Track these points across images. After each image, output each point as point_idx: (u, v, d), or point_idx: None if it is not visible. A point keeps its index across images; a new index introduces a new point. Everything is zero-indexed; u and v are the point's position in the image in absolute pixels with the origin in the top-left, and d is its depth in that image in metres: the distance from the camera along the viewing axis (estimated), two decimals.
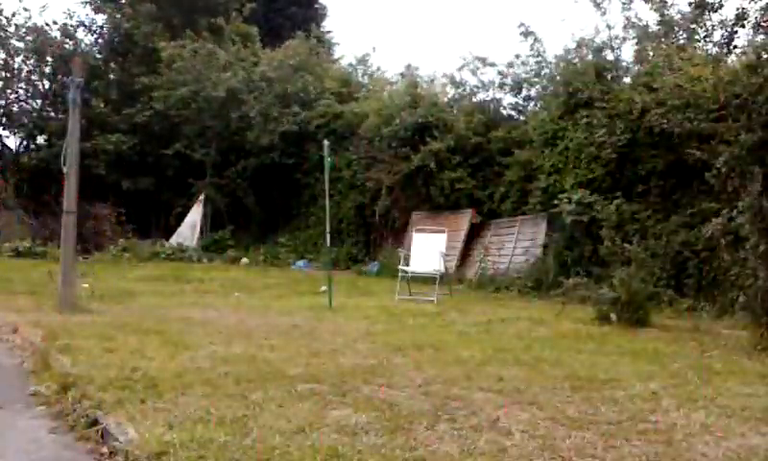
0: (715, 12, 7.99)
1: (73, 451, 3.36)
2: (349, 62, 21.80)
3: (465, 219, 13.66)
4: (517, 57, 14.11)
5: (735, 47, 7.09)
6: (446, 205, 13.99)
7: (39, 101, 20.96)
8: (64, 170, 7.73)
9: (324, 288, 9.79)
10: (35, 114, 20.86)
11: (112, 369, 4.50)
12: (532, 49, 13.23)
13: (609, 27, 12.15)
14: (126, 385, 4.08)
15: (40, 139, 21.10)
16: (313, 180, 17.44)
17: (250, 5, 20.61)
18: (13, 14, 19.56)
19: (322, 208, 15.46)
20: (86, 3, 20.76)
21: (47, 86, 20.84)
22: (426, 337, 6.28)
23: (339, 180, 16.46)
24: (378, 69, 20.30)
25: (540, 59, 13.25)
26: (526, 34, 13.05)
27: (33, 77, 20.60)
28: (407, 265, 10.32)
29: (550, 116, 12.10)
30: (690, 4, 9.41)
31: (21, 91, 20.91)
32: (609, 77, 11.70)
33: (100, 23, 20.87)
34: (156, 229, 19.46)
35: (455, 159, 13.68)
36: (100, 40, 21.17)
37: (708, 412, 3.81)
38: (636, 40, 12.13)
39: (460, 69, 15.09)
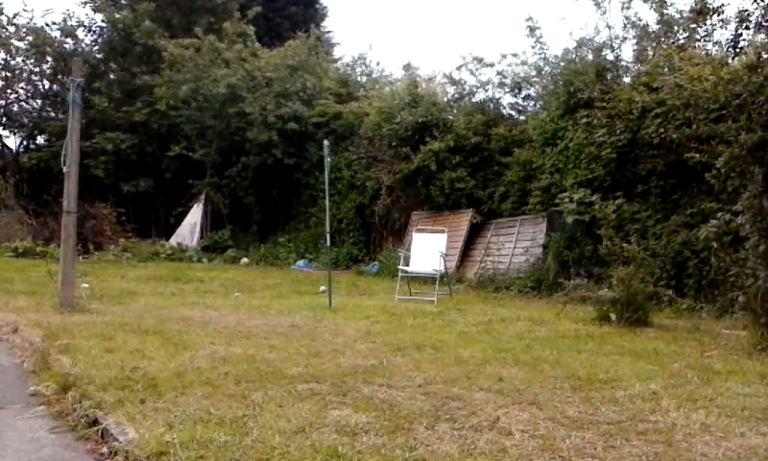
0: (719, 16, 7.97)
1: (73, 451, 3.36)
2: (347, 62, 21.86)
3: (465, 219, 13.67)
4: (515, 55, 14.14)
5: (741, 49, 7.07)
6: (446, 205, 14.00)
7: (39, 101, 21.00)
8: (64, 170, 7.73)
9: (323, 288, 9.80)
10: (35, 114, 20.88)
11: (112, 369, 4.50)
12: (534, 47, 13.23)
13: (609, 26, 12.15)
14: (126, 385, 4.08)
15: (40, 139, 21.14)
16: (313, 180, 17.47)
17: (256, 9, 20.63)
18: (15, 15, 19.60)
19: (322, 208, 15.50)
20: (86, 3, 20.79)
21: (47, 86, 20.87)
22: (426, 337, 6.28)
23: (339, 180, 16.48)
24: (378, 64, 20.34)
25: (542, 55, 13.22)
26: (533, 29, 13.02)
27: (33, 77, 20.63)
28: (407, 265, 10.32)
29: (550, 116, 12.09)
30: (692, 10, 9.39)
31: (21, 91, 20.95)
32: (609, 77, 11.70)
33: (99, 23, 20.91)
34: (156, 229, 19.49)
35: (455, 159, 13.68)
36: (99, 40, 21.19)
37: (708, 412, 3.81)
38: (635, 40, 12.12)
39: (458, 68, 15.12)
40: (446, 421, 3.55)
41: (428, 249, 10.36)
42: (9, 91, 20.59)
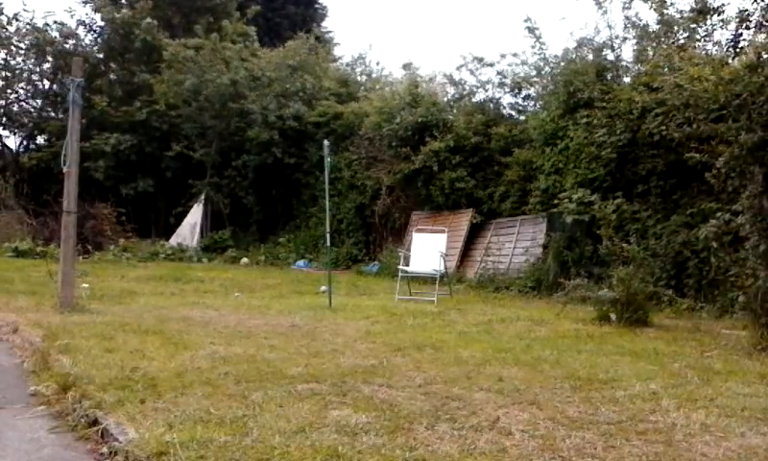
0: (719, 16, 7.97)
1: (73, 451, 3.36)
2: (347, 62, 21.88)
3: (465, 219, 13.67)
4: (515, 55, 14.14)
5: (741, 49, 7.08)
6: (446, 205, 14.00)
7: (39, 101, 20.99)
8: (64, 170, 7.73)
9: (323, 288, 9.80)
10: (35, 114, 20.88)
11: (112, 369, 4.50)
12: (534, 46, 13.23)
13: (609, 26, 12.15)
14: (126, 385, 4.08)
15: (40, 139, 21.14)
16: (313, 179, 17.48)
17: (255, 8, 20.63)
18: (15, 15, 19.58)
19: (322, 208, 15.51)
20: (86, 2, 20.78)
21: (47, 86, 20.87)
22: (426, 337, 6.28)
23: (339, 180, 16.48)
24: (378, 64, 20.34)
25: (542, 55, 13.22)
26: (531, 29, 13.02)
27: (33, 77, 20.62)
28: (407, 265, 10.32)
29: (550, 116, 12.09)
30: (692, 10, 9.41)
31: (21, 91, 20.94)
32: (609, 77, 11.70)
33: (99, 22, 20.88)
34: (156, 229, 19.48)
35: (455, 159, 13.68)
36: (100, 39, 21.18)
37: (708, 412, 3.81)
38: (636, 40, 12.12)
39: (458, 68, 15.13)
40: (446, 421, 3.55)
41: (428, 249, 10.36)
42: (9, 91, 20.59)
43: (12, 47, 19.73)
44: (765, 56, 6.69)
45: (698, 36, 10.83)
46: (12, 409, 3.98)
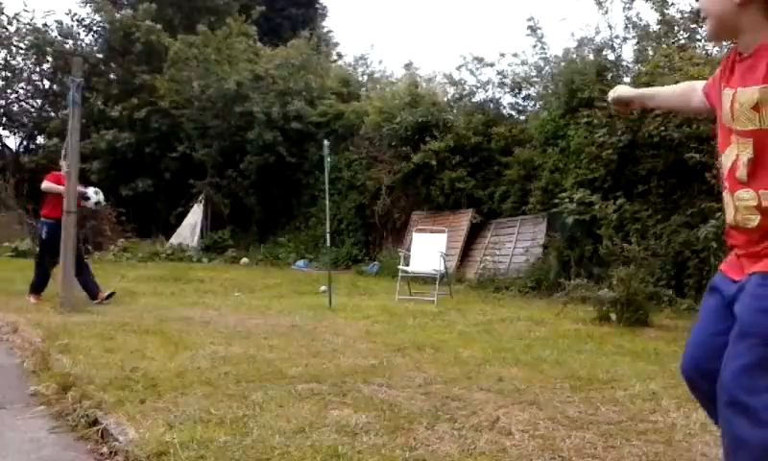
0: None
1: (73, 451, 3.35)
2: (349, 62, 21.90)
3: (465, 219, 13.67)
4: (515, 55, 14.15)
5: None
6: (446, 205, 14.00)
7: (39, 101, 21.01)
8: (64, 169, 7.74)
9: (323, 288, 9.80)
10: (35, 114, 20.89)
11: (112, 369, 4.50)
12: (535, 46, 13.24)
13: (610, 26, 12.16)
14: (126, 385, 4.07)
15: (40, 139, 21.16)
16: (313, 180, 17.48)
17: (260, 9, 20.63)
18: (15, 16, 19.60)
19: (322, 208, 15.50)
20: (87, 2, 20.79)
21: (47, 86, 20.88)
22: (426, 337, 6.28)
23: (339, 180, 16.48)
24: (380, 62, 20.39)
25: (542, 54, 13.23)
26: (534, 28, 13.03)
27: (33, 77, 20.65)
28: (407, 265, 10.32)
29: (551, 115, 12.10)
30: (692, 11, 9.41)
31: (21, 91, 20.97)
32: (609, 77, 11.70)
33: (100, 22, 20.87)
34: (156, 229, 19.49)
35: (455, 159, 13.69)
36: (100, 40, 21.18)
37: None
38: (636, 40, 12.13)
39: (458, 68, 15.14)
40: (446, 421, 3.55)
41: (428, 249, 10.36)
42: (9, 91, 20.61)
43: (12, 47, 19.75)
44: None
45: (698, 37, 10.83)
46: (12, 409, 3.98)
